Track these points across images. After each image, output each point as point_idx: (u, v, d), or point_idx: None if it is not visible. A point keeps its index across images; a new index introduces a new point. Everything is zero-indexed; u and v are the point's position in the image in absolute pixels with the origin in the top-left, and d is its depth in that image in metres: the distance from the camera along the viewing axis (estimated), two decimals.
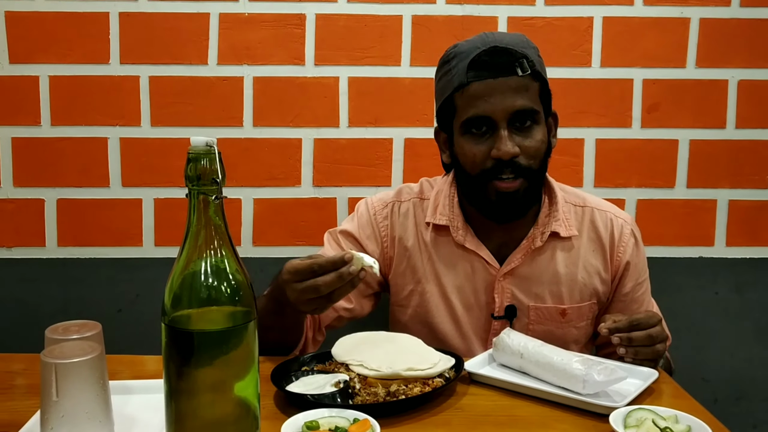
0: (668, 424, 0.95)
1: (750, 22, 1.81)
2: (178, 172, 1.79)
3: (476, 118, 1.26)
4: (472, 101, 1.25)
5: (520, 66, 1.23)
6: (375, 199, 1.45)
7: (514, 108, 1.24)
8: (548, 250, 1.37)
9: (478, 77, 1.24)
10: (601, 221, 1.40)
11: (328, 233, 1.46)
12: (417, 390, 1.06)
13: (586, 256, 1.38)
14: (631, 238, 1.41)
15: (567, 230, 1.37)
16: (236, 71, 1.78)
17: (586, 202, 1.42)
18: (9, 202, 1.80)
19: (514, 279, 1.36)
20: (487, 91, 1.24)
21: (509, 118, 1.24)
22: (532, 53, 1.27)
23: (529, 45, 1.29)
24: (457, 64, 1.27)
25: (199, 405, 0.79)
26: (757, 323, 1.91)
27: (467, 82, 1.25)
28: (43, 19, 1.75)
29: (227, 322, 0.80)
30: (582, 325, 1.39)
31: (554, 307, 1.36)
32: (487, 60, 1.24)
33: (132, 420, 0.99)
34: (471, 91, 1.25)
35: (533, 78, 1.26)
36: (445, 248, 1.38)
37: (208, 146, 0.80)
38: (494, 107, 1.24)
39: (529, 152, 1.26)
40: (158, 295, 1.87)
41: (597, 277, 1.38)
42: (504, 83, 1.23)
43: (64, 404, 0.83)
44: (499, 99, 1.23)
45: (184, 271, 0.81)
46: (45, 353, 0.85)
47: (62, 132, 1.79)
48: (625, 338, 1.16)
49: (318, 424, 0.94)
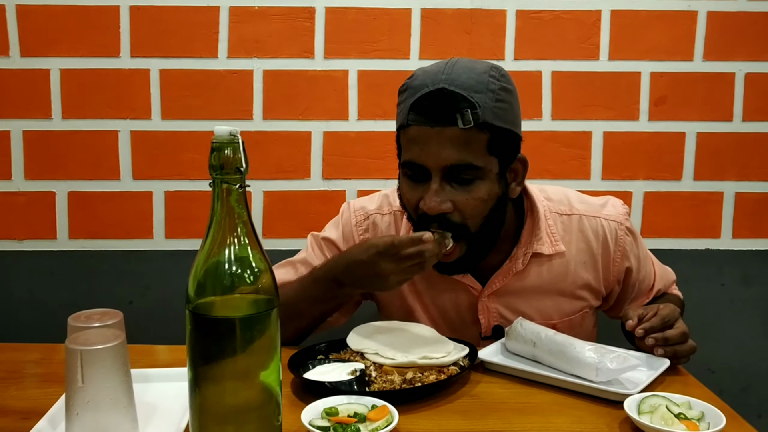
0: (682, 410, 0.96)
1: (757, 16, 1.82)
2: (189, 164, 1.82)
3: (411, 164, 1.18)
4: (410, 145, 1.17)
5: (462, 117, 1.11)
6: (357, 207, 1.40)
7: (447, 162, 1.14)
8: (532, 270, 1.30)
9: (417, 121, 1.15)
10: (591, 230, 1.33)
11: (312, 236, 1.42)
12: (432, 378, 1.07)
13: (575, 269, 1.32)
14: (627, 237, 1.34)
15: (551, 247, 1.29)
16: (246, 64, 1.80)
17: (572, 209, 1.34)
18: (20, 195, 1.81)
19: (498, 299, 1.32)
20: (423, 138, 1.14)
21: (443, 171, 1.15)
22: (487, 99, 1.13)
23: (489, 88, 1.14)
24: (405, 99, 1.18)
25: (225, 392, 0.81)
26: (763, 314, 1.93)
27: (407, 124, 1.17)
28: (54, 13, 1.76)
29: (251, 309, 0.81)
30: (577, 332, 1.35)
31: (543, 323, 1.27)
32: (426, 105, 1.13)
33: (152, 407, 1.00)
34: (410, 133, 1.17)
35: (479, 129, 1.13)
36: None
37: (231, 136, 0.81)
38: (427, 157, 1.14)
39: (464, 210, 1.17)
40: (169, 286, 1.90)
41: (587, 290, 1.35)
42: (441, 133, 1.13)
43: (89, 390, 0.85)
44: (433, 149, 1.13)
45: (208, 259, 0.82)
46: (70, 340, 0.86)
47: (73, 125, 1.80)
48: (660, 339, 1.14)
49: (337, 410, 0.95)
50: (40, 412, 0.95)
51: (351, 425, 0.91)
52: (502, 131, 1.16)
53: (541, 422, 0.99)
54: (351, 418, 0.93)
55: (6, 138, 1.79)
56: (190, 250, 1.84)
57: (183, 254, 1.83)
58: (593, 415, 1.01)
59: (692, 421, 0.94)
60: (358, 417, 0.93)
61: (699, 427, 0.94)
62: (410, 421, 0.97)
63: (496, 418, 1.00)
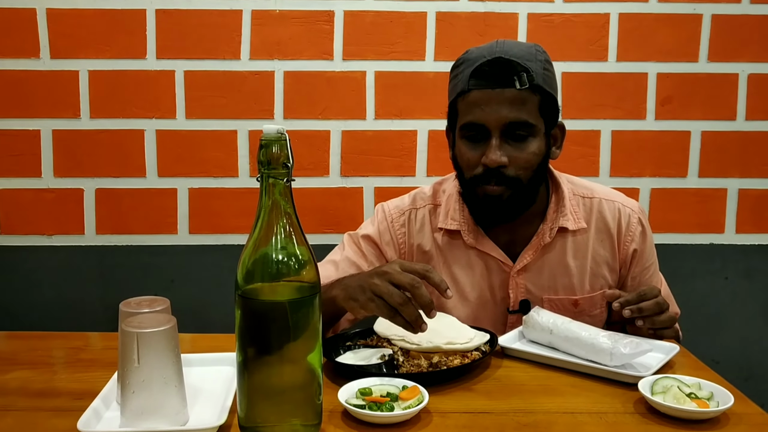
0: (693, 390, 1.03)
1: (760, 18, 1.89)
2: (212, 162, 1.89)
3: (472, 125, 1.30)
4: (471, 108, 1.29)
5: (519, 79, 1.25)
6: (392, 206, 1.49)
7: (507, 119, 1.27)
8: (558, 244, 1.41)
9: (478, 86, 1.27)
10: (609, 211, 1.44)
11: (348, 235, 1.49)
12: (457, 362, 1.14)
13: (594, 247, 1.43)
14: (638, 227, 1.45)
15: (575, 223, 1.41)
16: (267, 66, 1.86)
17: (593, 194, 1.45)
18: (49, 192, 1.88)
19: (527, 274, 1.42)
20: (484, 100, 1.27)
21: (502, 128, 1.27)
22: (537, 66, 1.28)
23: (537, 58, 1.29)
24: (463, 70, 1.31)
25: (273, 372, 0.87)
26: (765, 307, 2.00)
27: (468, 90, 1.29)
28: (82, 16, 1.82)
29: (295, 295, 0.88)
30: (596, 313, 1.45)
31: (566, 298, 1.42)
32: (487, 70, 1.26)
33: (197, 388, 1.06)
34: (470, 98, 1.29)
35: (532, 91, 1.27)
36: (458, 251, 1.43)
37: (279, 133, 0.87)
38: (489, 116, 1.27)
39: (518, 163, 1.29)
40: (192, 280, 1.97)
41: (606, 267, 1.44)
42: (501, 94, 1.26)
43: (144, 370, 0.91)
44: (494, 109, 1.26)
45: (256, 247, 0.88)
46: (126, 324, 0.92)
47: (101, 124, 1.87)
48: (635, 309, 1.24)
49: (371, 390, 1.02)
50: (92, 393, 1.01)
51: (385, 403, 0.98)
52: (549, 96, 1.31)
53: (560, 402, 1.06)
54: (384, 397, 1.00)
55: (36, 137, 1.86)
56: (213, 245, 1.91)
57: (206, 249, 1.90)
58: (608, 396, 1.08)
59: (702, 400, 1.01)
60: (390, 396, 1.00)
61: (709, 405, 1.00)
62: (438, 401, 1.04)
63: (518, 399, 1.07)
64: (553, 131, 1.36)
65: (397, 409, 0.97)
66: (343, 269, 1.43)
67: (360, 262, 1.44)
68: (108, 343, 1.29)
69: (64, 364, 1.21)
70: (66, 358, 1.23)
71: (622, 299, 1.26)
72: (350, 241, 1.48)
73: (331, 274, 1.43)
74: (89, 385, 1.07)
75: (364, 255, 1.45)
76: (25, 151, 1.86)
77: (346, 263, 1.44)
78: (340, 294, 1.18)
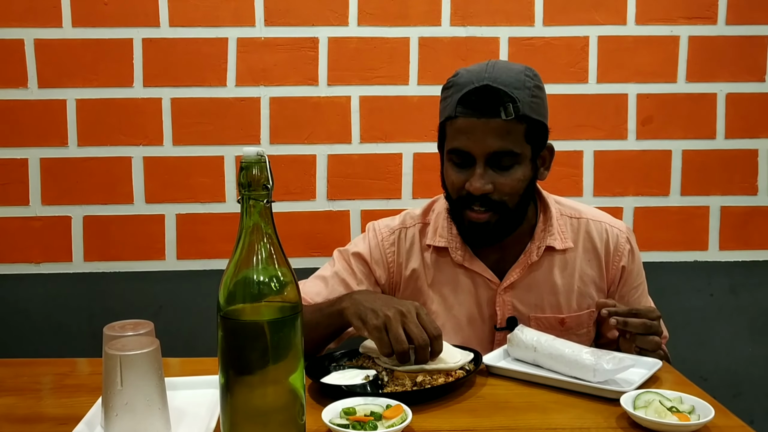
0: (674, 404, 1.04)
1: (735, 39, 1.93)
2: (200, 188, 1.91)
3: (458, 151, 1.31)
4: (457, 134, 1.31)
5: (505, 110, 1.26)
6: (382, 225, 1.50)
7: (492, 149, 1.28)
8: (545, 263, 1.42)
9: (465, 114, 1.28)
10: (596, 232, 1.45)
11: (338, 252, 1.50)
12: (441, 380, 1.14)
13: (582, 266, 1.45)
14: (627, 245, 1.46)
15: (562, 243, 1.43)
16: (253, 92, 1.89)
17: (581, 214, 1.47)
18: (37, 220, 1.89)
19: (514, 292, 1.43)
20: (469, 128, 1.28)
21: (487, 156, 1.29)
22: (525, 95, 1.28)
23: (525, 85, 1.29)
24: (452, 94, 1.32)
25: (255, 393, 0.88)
26: (751, 323, 2.01)
27: (455, 116, 1.30)
28: (70, 46, 1.85)
29: (276, 315, 0.89)
30: (582, 333, 1.46)
31: (553, 317, 1.43)
32: (474, 99, 1.27)
33: (181, 411, 1.07)
34: (457, 124, 1.30)
35: (519, 121, 1.28)
36: (446, 268, 1.45)
37: (258, 155, 0.88)
38: (474, 145, 1.29)
39: (503, 190, 1.31)
40: (180, 305, 1.97)
41: (593, 286, 1.45)
42: (486, 124, 1.27)
43: (128, 392, 0.92)
44: (479, 138, 1.28)
45: (237, 268, 0.89)
46: (109, 347, 0.93)
47: (88, 152, 1.88)
48: (621, 321, 1.25)
49: (355, 410, 1.02)
50: (77, 418, 1.01)
51: (369, 422, 0.98)
52: (536, 122, 1.32)
53: (543, 419, 1.06)
54: (368, 416, 1.00)
55: (24, 165, 1.87)
56: (201, 270, 1.92)
57: (194, 274, 1.91)
58: (591, 412, 1.09)
59: (683, 414, 1.02)
60: (374, 416, 1.01)
61: (690, 418, 1.01)
62: (422, 419, 1.05)
63: (501, 416, 1.07)
64: (541, 153, 1.38)
65: (381, 428, 0.98)
66: (332, 286, 1.44)
67: (349, 279, 1.45)
68: (94, 368, 1.29)
69: (49, 390, 1.21)
70: (52, 384, 1.23)
71: (613, 309, 1.27)
72: (340, 258, 1.49)
73: (321, 290, 1.44)
74: (74, 410, 1.07)
75: (354, 273, 1.46)
76: (12, 180, 1.87)
77: (335, 280, 1.45)
78: (350, 308, 1.22)
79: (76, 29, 1.84)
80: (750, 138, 1.96)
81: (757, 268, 1.99)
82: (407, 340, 1.14)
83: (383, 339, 1.15)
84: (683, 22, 1.92)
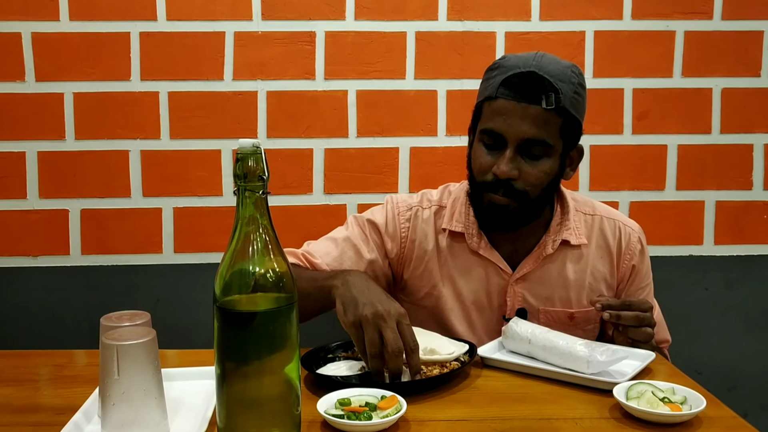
0: (666, 395, 1.05)
1: (731, 34, 1.94)
2: (197, 181, 1.91)
3: (491, 132, 1.32)
4: (493, 115, 1.31)
5: (546, 99, 1.27)
6: (401, 200, 1.51)
7: (526, 135, 1.28)
8: (558, 257, 1.44)
9: (506, 96, 1.29)
10: (609, 229, 1.48)
11: (354, 218, 1.50)
12: (436, 371, 1.15)
13: (594, 262, 1.46)
14: (638, 245, 1.48)
15: (577, 238, 1.44)
16: (250, 86, 1.89)
17: (596, 211, 1.49)
18: (35, 213, 1.89)
19: (525, 283, 1.44)
20: (508, 110, 1.29)
21: (519, 142, 1.29)
22: (568, 89, 1.29)
23: (571, 80, 1.30)
24: (496, 75, 1.32)
25: (251, 383, 0.89)
26: (746, 317, 2.02)
27: (495, 96, 1.30)
28: (67, 39, 1.85)
29: (272, 305, 0.90)
30: (589, 328, 1.48)
31: (563, 310, 1.45)
32: (518, 82, 1.28)
33: (177, 401, 1.08)
34: (496, 105, 1.31)
35: (557, 113, 1.28)
36: (460, 254, 1.45)
37: (254, 147, 0.89)
38: (508, 128, 1.29)
39: (528, 179, 1.31)
40: (178, 298, 1.98)
41: (603, 283, 1.47)
42: (525, 109, 1.28)
43: (125, 382, 0.92)
44: (515, 122, 1.28)
45: (234, 260, 0.90)
46: (106, 337, 0.94)
47: (86, 145, 1.88)
48: (614, 315, 1.27)
49: (350, 401, 1.03)
50: (74, 408, 1.02)
51: (363, 413, 0.99)
52: (574, 119, 1.32)
53: (536, 409, 1.08)
54: (363, 407, 1.01)
55: (21, 159, 1.87)
56: (198, 263, 1.92)
57: (191, 267, 1.92)
58: (584, 403, 1.10)
59: (675, 404, 1.03)
60: (369, 406, 1.02)
61: (681, 408, 1.02)
62: (417, 410, 1.06)
63: (495, 407, 1.08)
64: (571, 152, 1.38)
65: (375, 418, 0.98)
66: (342, 249, 1.45)
67: (361, 246, 1.45)
68: (92, 360, 1.30)
69: (47, 380, 1.22)
70: (49, 375, 1.24)
71: (606, 302, 1.28)
72: (355, 223, 1.50)
73: (331, 251, 1.45)
74: (71, 400, 1.08)
75: (367, 239, 1.46)
76: (10, 173, 1.88)
77: (347, 244, 1.46)
78: (340, 289, 1.20)
79: (74, 23, 1.84)
80: (745, 133, 1.97)
81: (752, 263, 2.00)
82: (380, 346, 1.10)
83: (357, 338, 1.13)
84: (679, 17, 1.93)
